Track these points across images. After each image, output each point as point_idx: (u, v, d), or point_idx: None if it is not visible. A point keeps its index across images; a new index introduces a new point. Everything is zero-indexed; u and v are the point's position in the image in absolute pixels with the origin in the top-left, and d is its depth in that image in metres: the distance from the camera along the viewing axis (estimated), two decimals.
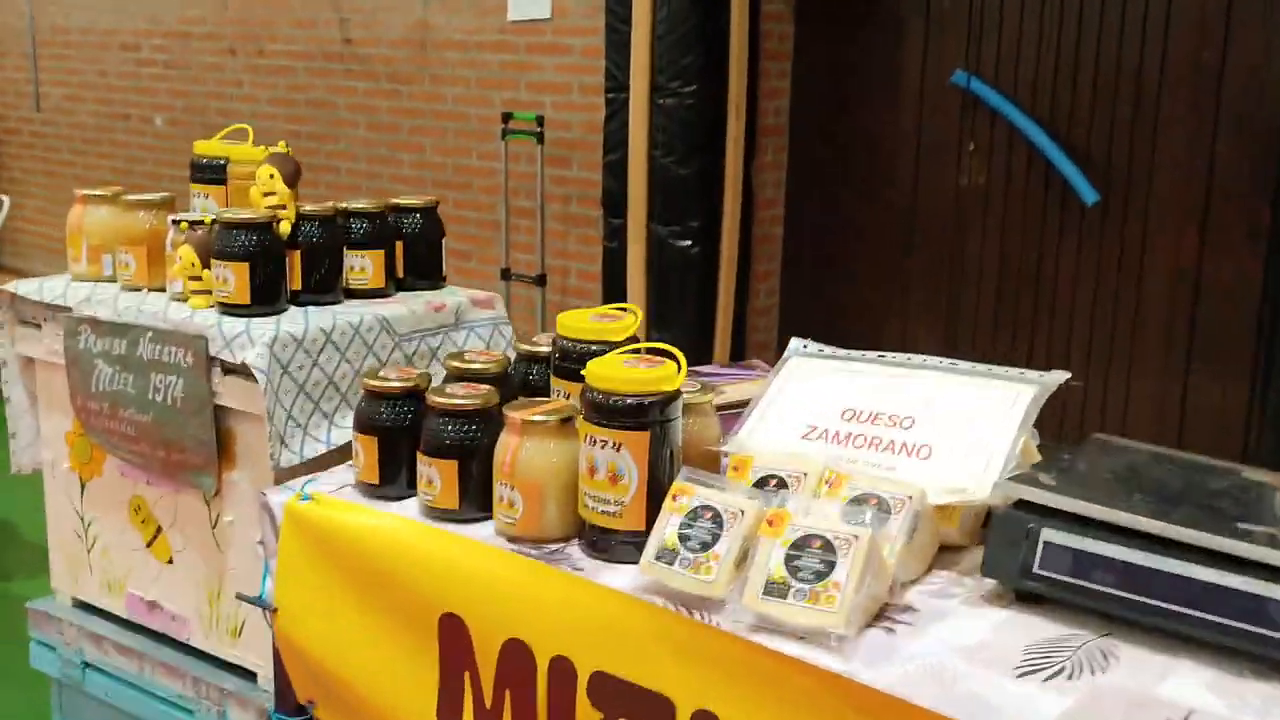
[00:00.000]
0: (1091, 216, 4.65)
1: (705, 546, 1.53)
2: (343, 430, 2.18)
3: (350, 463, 1.94)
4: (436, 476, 1.75)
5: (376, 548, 1.76)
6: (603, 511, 1.64)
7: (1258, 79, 4.26)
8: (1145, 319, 4.72)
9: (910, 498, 1.58)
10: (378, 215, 2.36)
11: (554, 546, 1.69)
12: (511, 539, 1.71)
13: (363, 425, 1.83)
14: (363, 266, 2.33)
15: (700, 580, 1.51)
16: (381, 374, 1.85)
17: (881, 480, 1.63)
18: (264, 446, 2.11)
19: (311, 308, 2.24)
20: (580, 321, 1.85)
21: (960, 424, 1.73)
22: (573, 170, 5.45)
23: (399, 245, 2.40)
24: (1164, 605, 1.40)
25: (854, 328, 5.31)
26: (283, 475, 2.06)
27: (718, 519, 1.54)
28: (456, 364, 1.90)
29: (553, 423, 1.69)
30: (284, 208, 2.21)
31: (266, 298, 2.18)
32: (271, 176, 2.21)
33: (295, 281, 2.25)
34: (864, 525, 1.48)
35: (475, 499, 1.75)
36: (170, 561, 2.36)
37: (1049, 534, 1.48)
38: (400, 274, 2.42)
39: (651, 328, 4.91)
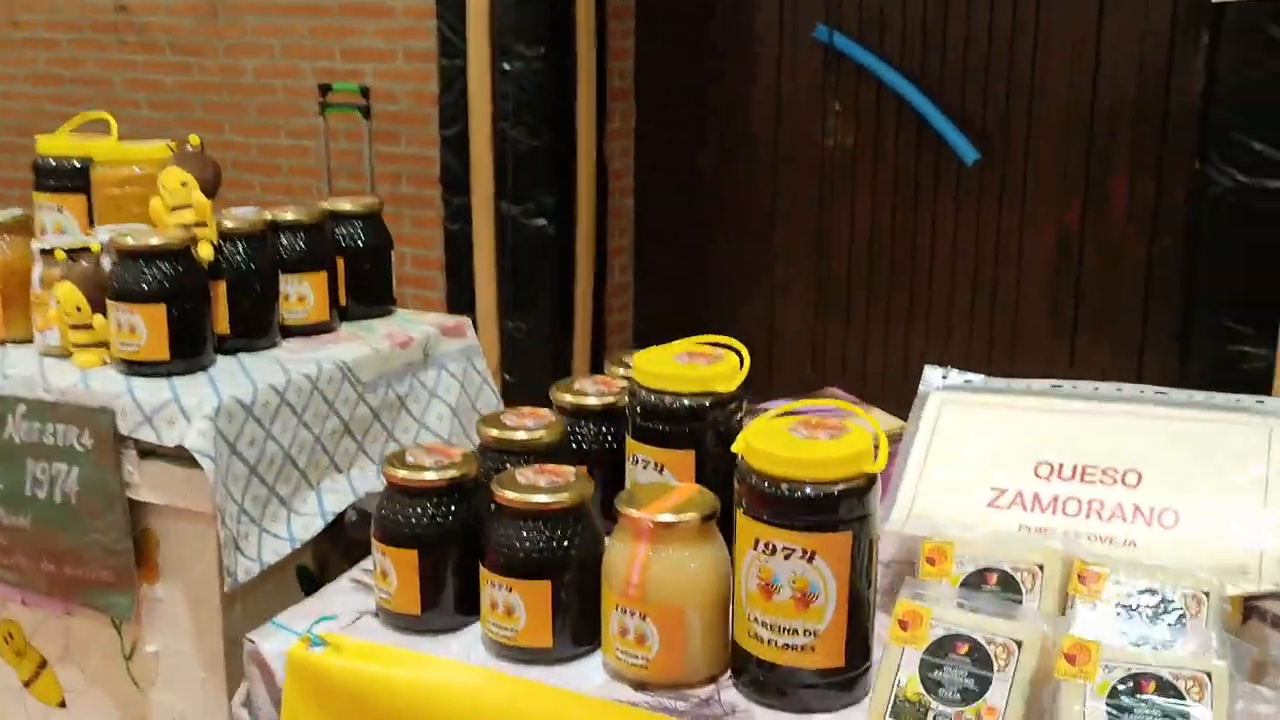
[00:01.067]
0: (969, 179, 4.41)
1: (969, 697, 1.07)
2: (305, 519, 1.63)
3: (353, 577, 1.41)
4: (519, 604, 1.24)
5: (434, 708, 1.24)
6: (785, 645, 1.16)
7: (1136, 35, 4.06)
8: (1028, 285, 4.52)
9: (1206, 594, 1.17)
10: (314, 227, 1.80)
11: (703, 694, 1.21)
12: (640, 685, 1.22)
13: (392, 534, 1.30)
14: (301, 295, 1.77)
15: None
16: (409, 459, 1.32)
17: (1151, 569, 1.20)
18: (199, 551, 1.55)
19: (245, 355, 1.68)
20: (664, 365, 1.37)
21: (1204, 476, 1.32)
22: (401, 146, 4.92)
23: (339, 264, 1.85)
24: None
25: (716, 306, 4.96)
26: (230, 592, 1.50)
27: (980, 654, 1.09)
28: (495, 433, 1.39)
29: (693, 523, 1.20)
30: (203, 225, 1.63)
31: (190, 349, 1.60)
32: (184, 184, 1.63)
33: (221, 323, 1.68)
34: (1212, 656, 1.05)
35: (573, 630, 1.25)
36: (63, 704, 1.75)
37: None
38: (342, 300, 1.87)
39: (505, 315, 4.47)
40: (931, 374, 1.53)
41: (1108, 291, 4.38)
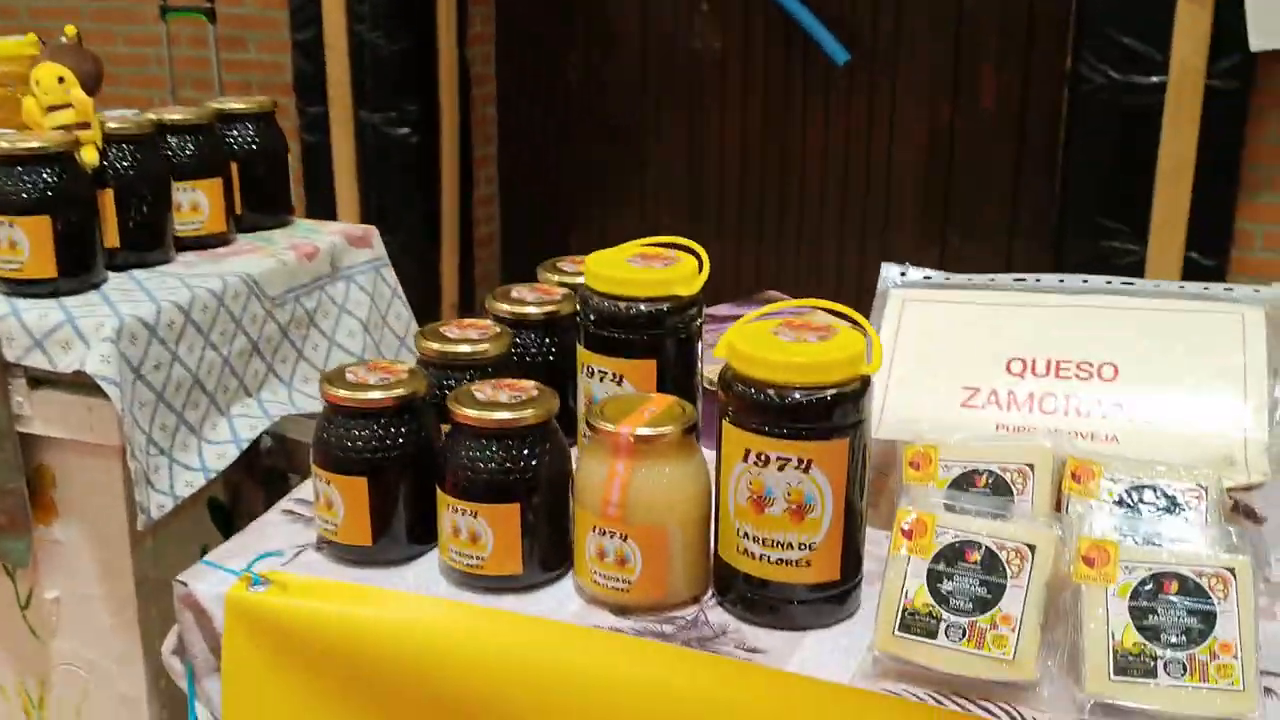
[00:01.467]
0: (839, 80, 4.38)
1: (984, 605, 1.02)
2: (217, 448, 1.50)
3: (284, 508, 1.29)
4: (485, 530, 1.14)
5: (400, 647, 1.14)
6: (778, 560, 1.09)
7: None
8: (899, 185, 4.54)
9: (1204, 488, 1.13)
10: (205, 129, 1.64)
11: (687, 614, 1.14)
12: (621, 610, 1.14)
13: (337, 461, 1.18)
14: (194, 204, 1.62)
15: (991, 659, 1.00)
16: (350, 377, 1.20)
17: (1145, 465, 1.16)
18: (103, 486, 1.41)
19: (139, 272, 1.52)
20: (618, 269, 1.27)
21: (1181, 368, 1.28)
22: (250, 52, 4.67)
23: (233, 169, 1.69)
24: None
25: (586, 216, 4.88)
26: (143, 529, 1.37)
27: (992, 561, 1.04)
28: (437, 346, 1.28)
29: (674, 436, 1.11)
30: (85, 126, 1.47)
31: (80, 265, 1.45)
32: (61, 80, 1.46)
33: (110, 236, 1.52)
34: (1232, 549, 1.01)
35: (542, 556, 1.17)
36: None
37: None
38: (237, 210, 1.71)
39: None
40: (888, 271, 1.46)
41: (979, 189, 4.41)
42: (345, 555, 1.21)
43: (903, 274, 1.45)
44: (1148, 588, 1.00)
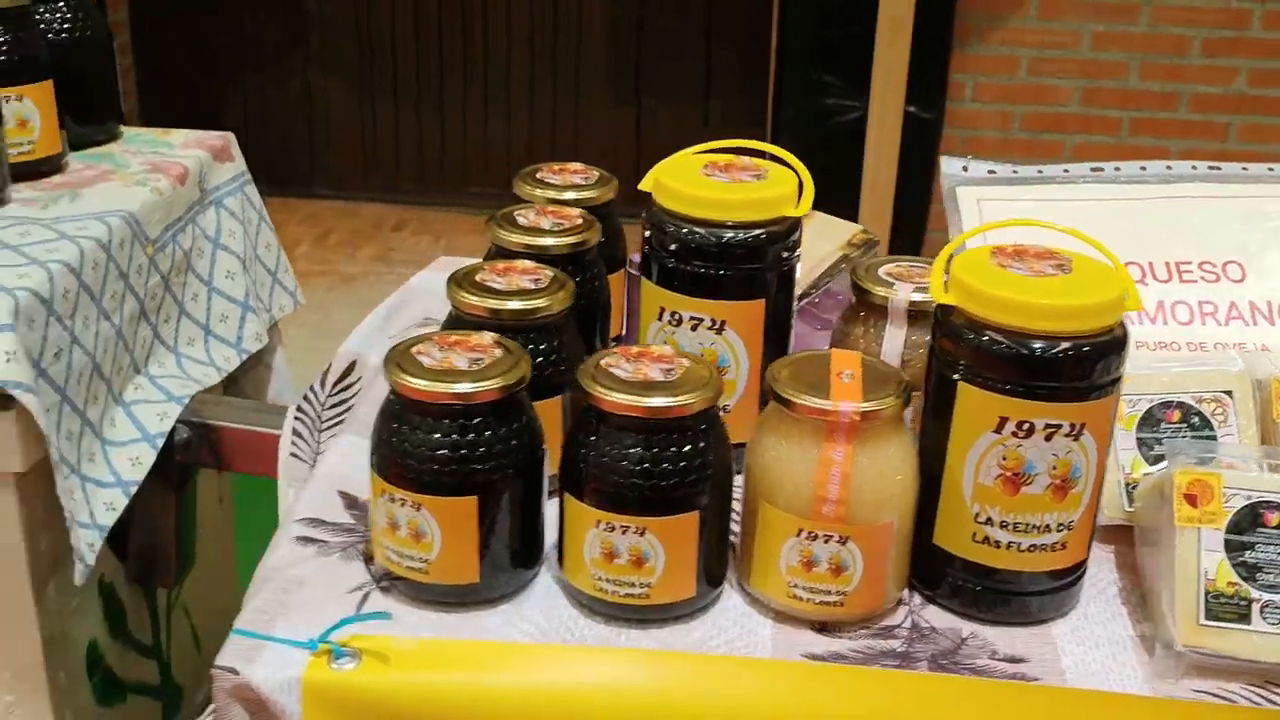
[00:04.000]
0: None
1: None
2: (126, 451, 1.12)
3: (295, 534, 0.96)
4: (657, 549, 0.88)
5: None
6: (1030, 547, 0.89)
7: None
8: (589, 49, 4.38)
9: None
10: (21, 16, 1.19)
11: (897, 622, 0.92)
12: (822, 626, 0.91)
13: (434, 477, 0.87)
14: (22, 118, 1.18)
15: None
16: (425, 359, 0.88)
17: None
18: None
19: None
20: (708, 186, 1.02)
21: None
22: None
23: None
24: None
25: (239, 90, 4.43)
26: (81, 582, 0.99)
27: None
28: (488, 302, 0.98)
29: (895, 410, 0.88)
30: None
31: None
32: None
33: None
34: None
35: (709, 570, 0.91)
36: None
37: None
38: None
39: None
40: (949, 165, 1.25)
41: (671, 46, 4.29)
42: (439, 597, 0.91)
43: (964, 168, 1.26)
44: None
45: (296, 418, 1.17)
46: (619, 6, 4.31)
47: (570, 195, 1.20)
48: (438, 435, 0.87)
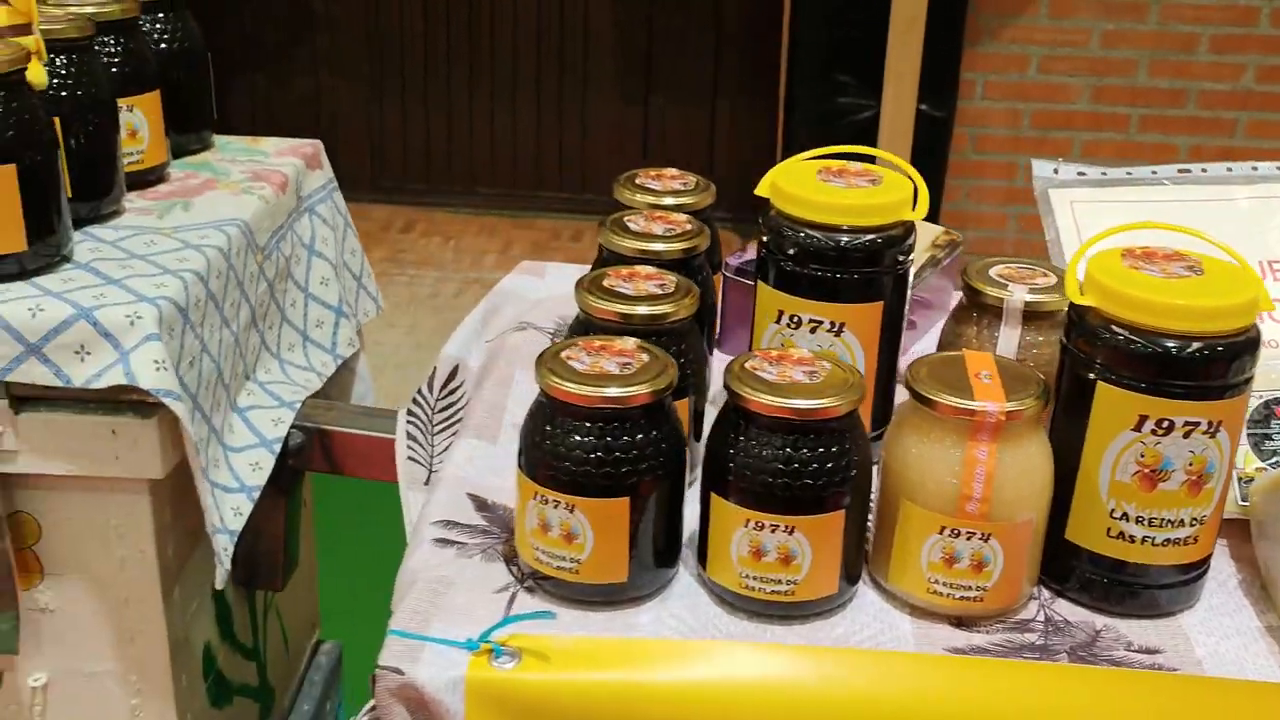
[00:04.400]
0: None
1: None
2: (246, 456, 1.13)
3: (434, 537, 0.99)
4: (804, 546, 0.90)
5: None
6: (1165, 542, 0.92)
7: None
8: (596, 48, 4.39)
9: None
10: (129, 27, 1.21)
11: (1031, 617, 0.95)
12: (959, 621, 0.93)
13: (586, 480, 0.89)
14: (133, 128, 1.20)
15: None
16: (575, 362, 0.90)
17: None
18: (118, 534, 1.03)
19: (97, 229, 1.11)
20: (826, 192, 1.04)
21: None
22: None
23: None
24: None
25: (242, 88, 4.43)
26: (221, 586, 1.01)
27: None
28: (620, 307, 1.00)
29: (1036, 409, 0.91)
30: (27, 30, 1.02)
31: (47, 228, 1.02)
32: None
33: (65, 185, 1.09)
34: None
35: (848, 565, 0.94)
36: None
37: None
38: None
39: None
40: (1041, 168, 1.28)
41: (680, 44, 4.31)
42: (588, 596, 0.93)
43: (1055, 170, 1.28)
44: None
45: (409, 422, 1.19)
46: (627, 5, 4.33)
47: (669, 200, 1.22)
48: (591, 438, 0.89)
